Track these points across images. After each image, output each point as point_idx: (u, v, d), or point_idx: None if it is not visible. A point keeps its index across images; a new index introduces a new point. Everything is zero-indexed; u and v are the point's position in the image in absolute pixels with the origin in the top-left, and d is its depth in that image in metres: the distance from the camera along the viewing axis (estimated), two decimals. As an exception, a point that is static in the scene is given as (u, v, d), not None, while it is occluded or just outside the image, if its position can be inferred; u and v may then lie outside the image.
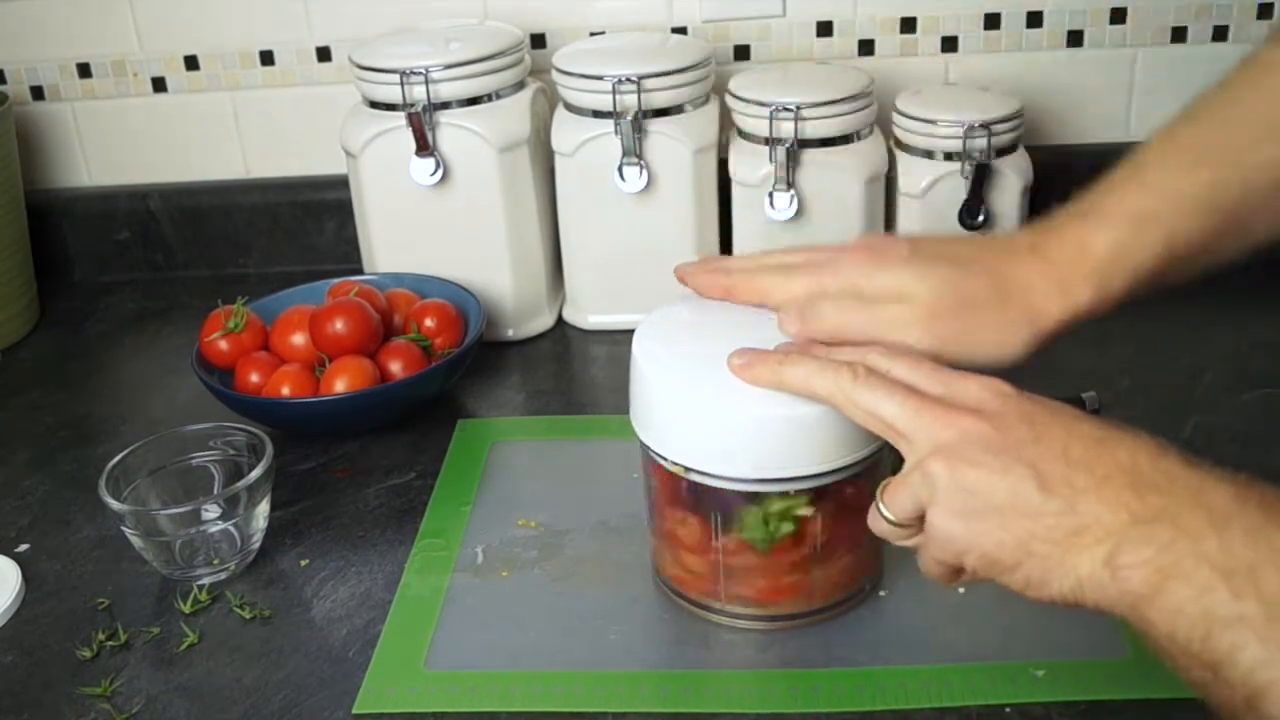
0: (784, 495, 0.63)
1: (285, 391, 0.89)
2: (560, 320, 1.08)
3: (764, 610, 0.68)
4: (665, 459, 0.65)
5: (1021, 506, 0.48)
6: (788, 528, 0.64)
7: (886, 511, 0.54)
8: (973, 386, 0.54)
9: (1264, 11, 1.09)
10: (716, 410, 0.62)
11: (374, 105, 1.01)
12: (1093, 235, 0.60)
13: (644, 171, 0.98)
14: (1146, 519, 0.45)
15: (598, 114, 0.99)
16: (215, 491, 0.79)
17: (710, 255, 0.68)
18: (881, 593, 0.71)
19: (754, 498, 0.64)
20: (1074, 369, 0.95)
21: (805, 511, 0.63)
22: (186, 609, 0.73)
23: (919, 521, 0.53)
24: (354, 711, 0.64)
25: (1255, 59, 0.61)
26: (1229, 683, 0.41)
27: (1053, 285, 0.60)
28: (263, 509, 0.76)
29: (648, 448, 0.67)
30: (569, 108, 1.02)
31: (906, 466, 0.53)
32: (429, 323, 0.95)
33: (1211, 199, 0.59)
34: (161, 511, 0.76)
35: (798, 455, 0.62)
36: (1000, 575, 0.49)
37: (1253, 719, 0.41)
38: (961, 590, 0.54)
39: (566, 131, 1.00)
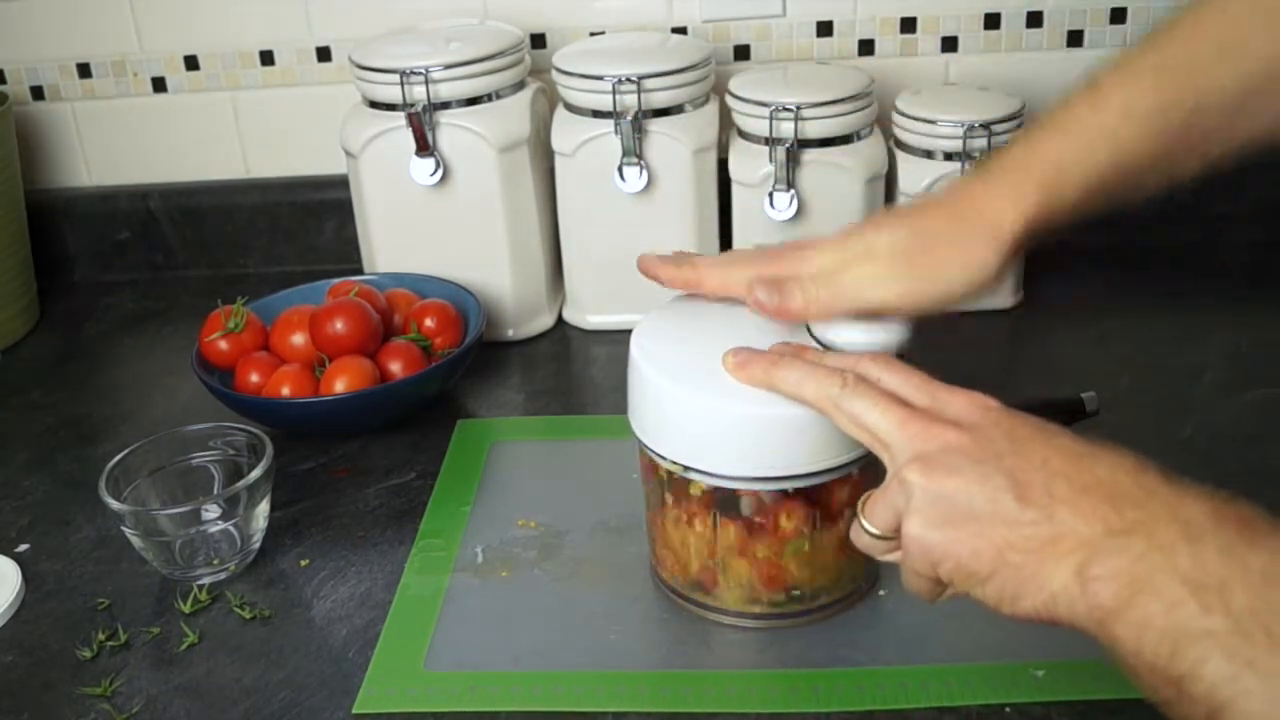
0: None
1: (285, 391, 0.89)
2: (560, 320, 1.08)
3: (762, 609, 0.68)
4: (664, 458, 0.66)
5: (999, 515, 0.48)
6: None
7: (867, 524, 0.54)
8: (958, 400, 0.54)
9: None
10: (713, 409, 0.62)
11: (374, 105, 1.01)
12: (1041, 146, 0.61)
13: (644, 171, 0.98)
14: (1121, 531, 0.45)
15: (598, 114, 0.99)
16: (215, 491, 0.79)
17: (678, 252, 0.70)
18: (881, 592, 0.71)
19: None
20: (1074, 369, 0.95)
21: None
22: (186, 609, 0.73)
23: (900, 533, 0.53)
24: (354, 711, 0.64)
25: None
26: (1192, 698, 0.41)
27: (1003, 195, 0.61)
28: (263, 509, 0.76)
29: (646, 446, 0.67)
30: (569, 108, 1.02)
31: (887, 478, 0.53)
32: (429, 323, 0.95)
33: (1163, 116, 0.59)
34: (161, 511, 0.76)
35: (795, 454, 0.62)
36: (975, 587, 0.49)
37: None
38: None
39: (566, 131, 1.00)
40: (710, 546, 0.67)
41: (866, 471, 0.64)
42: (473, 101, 0.99)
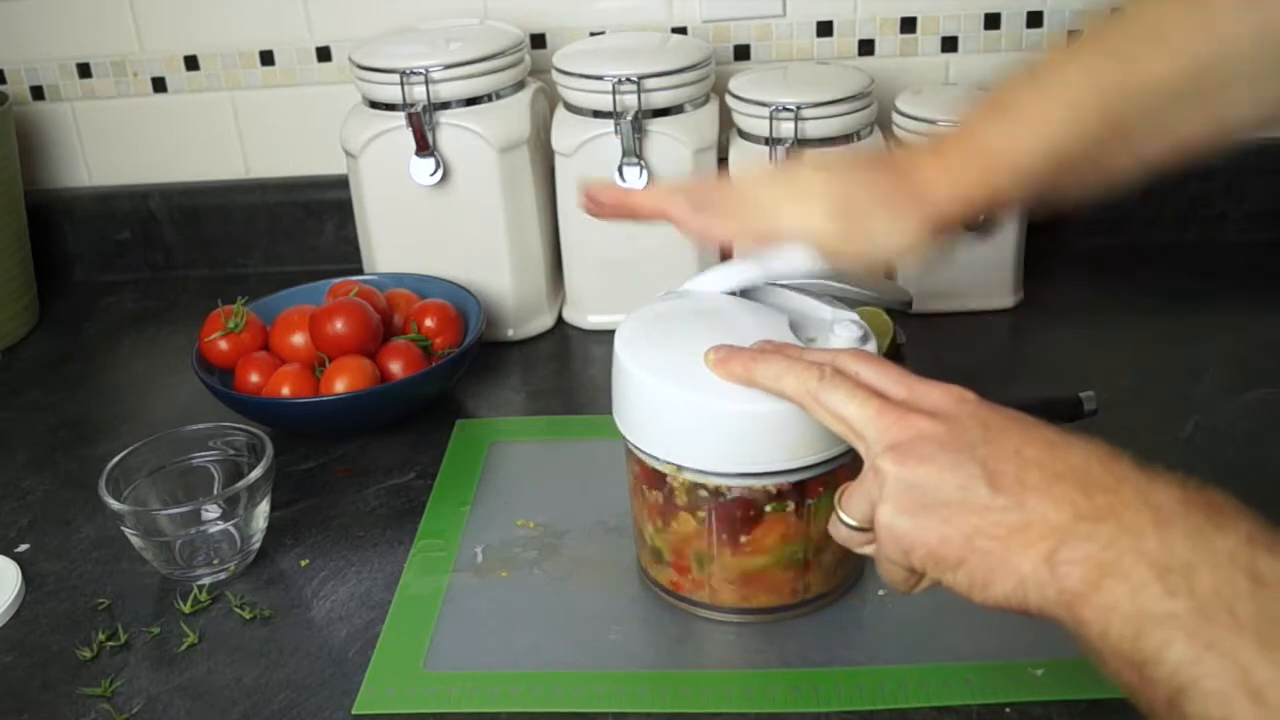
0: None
1: (285, 391, 0.89)
2: (560, 320, 1.09)
3: (750, 604, 0.68)
4: (649, 455, 0.66)
5: (970, 502, 0.48)
6: None
7: (844, 515, 0.54)
8: (935, 393, 0.55)
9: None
10: (696, 406, 0.63)
11: (374, 105, 1.01)
12: (980, 128, 0.63)
13: (644, 171, 0.98)
14: (1090, 517, 0.45)
15: (598, 114, 0.99)
16: (215, 491, 0.79)
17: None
18: (880, 592, 0.71)
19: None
20: (1074, 369, 0.95)
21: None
22: (186, 609, 0.73)
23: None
24: (354, 712, 0.64)
25: None
26: (1154, 681, 0.41)
27: (942, 174, 0.62)
28: (263, 509, 0.76)
29: (631, 443, 0.67)
30: (569, 108, 1.02)
31: (863, 469, 0.54)
32: (429, 323, 0.95)
33: (1099, 103, 0.60)
34: (161, 511, 0.76)
35: (779, 449, 0.63)
36: (945, 574, 0.49)
37: (1176, 719, 0.40)
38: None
39: (566, 131, 1.00)
40: (697, 543, 0.67)
41: (855, 465, 0.65)
42: (473, 101, 0.99)
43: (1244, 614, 0.40)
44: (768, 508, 0.65)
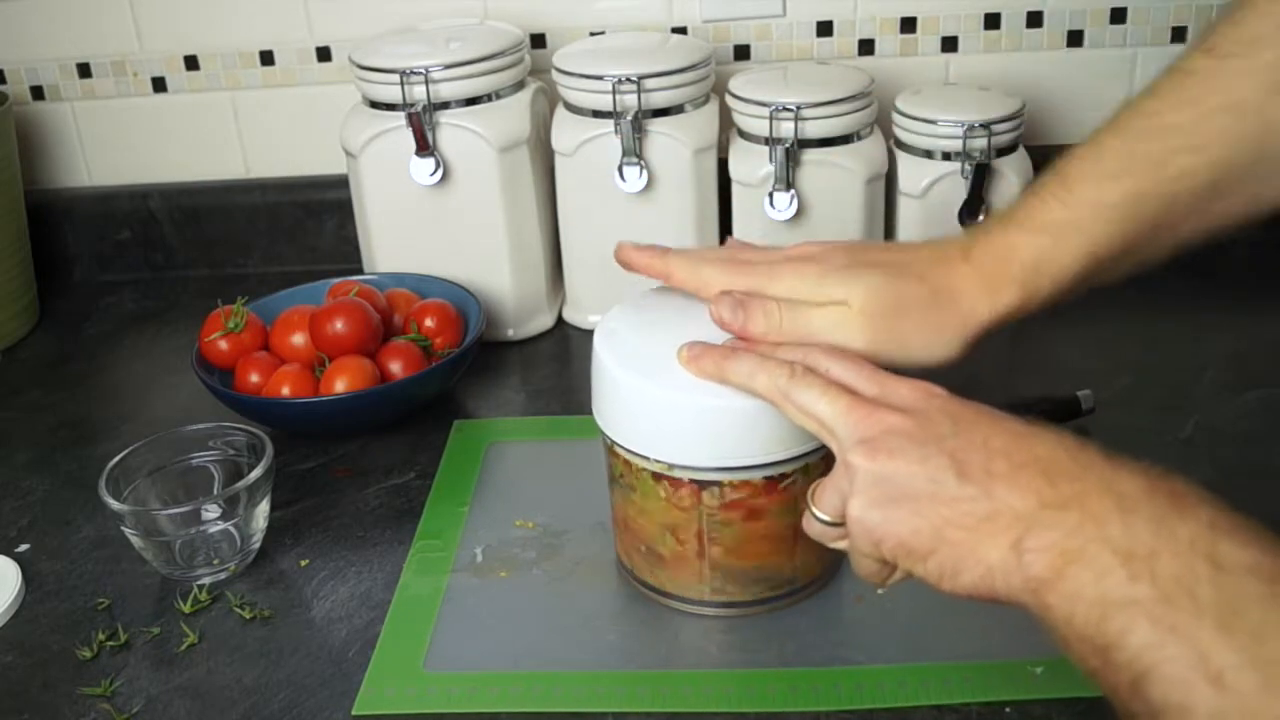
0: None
1: (285, 391, 0.89)
2: (560, 320, 1.09)
3: (735, 598, 0.69)
4: (636, 453, 0.66)
5: (939, 493, 0.49)
6: None
7: (816, 511, 0.55)
8: (904, 388, 0.55)
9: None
10: (670, 401, 0.63)
11: (374, 105, 1.01)
12: (1018, 244, 0.62)
13: (644, 171, 0.98)
14: (1056, 504, 0.46)
15: (598, 114, 0.99)
16: (215, 491, 0.79)
17: (655, 245, 0.70)
18: (880, 591, 0.70)
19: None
20: (1074, 369, 0.95)
21: None
22: (186, 609, 0.73)
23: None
24: (353, 712, 0.64)
25: (1178, 67, 0.61)
26: (1116, 666, 0.42)
27: (980, 289, 0.62)
28: (263, 509, 0.77)
29: (609, 438, 0.68)
30: (569, 108, 1.02)
31: (835, 464, 0.54)
32: (429, 323, 0.95)
33: (1132, 208, 0.61)
34: (161, 511, 0.76)
35: (754, 444, 0.63)
36: (915, 565, 0.50)
37: (1138, 704, 0.41)
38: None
39: (566, 131, 1.00)
40: (676, 537, 0.67)
41: (831, 457, 0.65)
42: (473, 101, 0.99)
43: (1205, 599, 0.40)
44: (748, 501, 0.65)
